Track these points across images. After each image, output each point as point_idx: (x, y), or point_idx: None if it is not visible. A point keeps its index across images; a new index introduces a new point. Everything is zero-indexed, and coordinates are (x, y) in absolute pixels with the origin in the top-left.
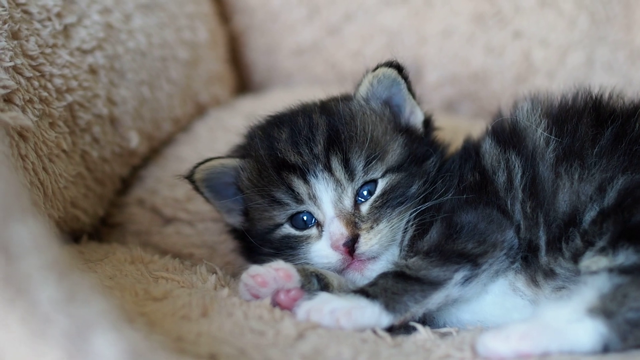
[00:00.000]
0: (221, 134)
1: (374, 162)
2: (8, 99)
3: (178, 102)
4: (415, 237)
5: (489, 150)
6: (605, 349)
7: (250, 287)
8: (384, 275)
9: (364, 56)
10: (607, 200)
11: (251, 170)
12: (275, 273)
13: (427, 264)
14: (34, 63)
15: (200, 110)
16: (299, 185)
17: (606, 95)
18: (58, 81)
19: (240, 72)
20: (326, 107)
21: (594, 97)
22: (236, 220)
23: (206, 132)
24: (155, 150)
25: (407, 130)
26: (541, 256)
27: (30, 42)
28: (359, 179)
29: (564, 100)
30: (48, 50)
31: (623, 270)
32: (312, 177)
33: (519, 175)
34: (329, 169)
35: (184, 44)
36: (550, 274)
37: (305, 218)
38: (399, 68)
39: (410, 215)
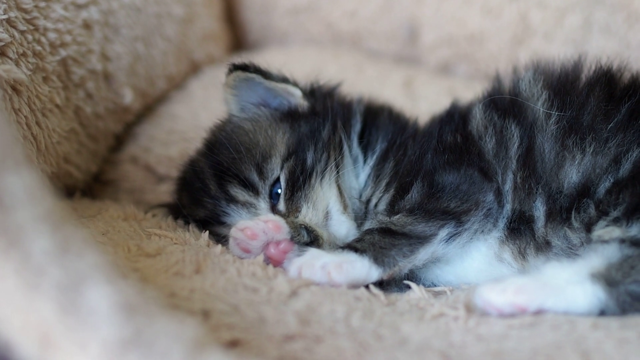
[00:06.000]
0: (215, 92)
1: (266, 165)
2: (2, 52)
3: (172, 60)
4: (396, 198)
5: (478, 115)
6: (601, 314)
7: (240, 241)
8: (369, 232)
9: (360, 16)
10: (622, 171)
11: None
12: (264, 225)
13: (412, 220)
14: (28, 16)
15: (195, 69)
16: (223, 229)
17: (615, 67)
18: (52, 35)
19: (235, 30)
20: (207, 145)
21: (604, 70)
22: None
23: (200, 91)
24: (149, 107)
25: (290, 114)
26: (537, 228)
27: None
28: (264, 188)
29: (566, 70)
30: (42, 4)
31: (635, 243)
32: (225, 217)
33: (515, 145)
34: (232, 200)
35: (179, 1)
36: (544, 246)
37: None
38: (242, 67)
39: (335, 176)
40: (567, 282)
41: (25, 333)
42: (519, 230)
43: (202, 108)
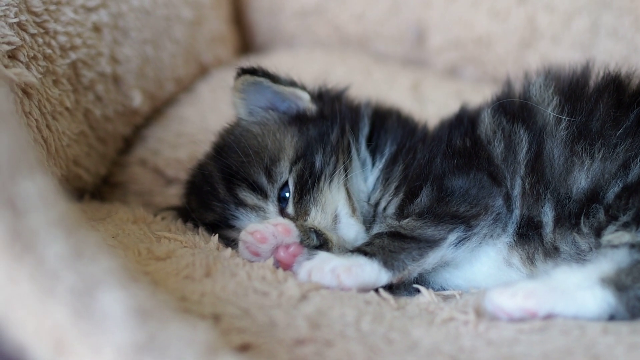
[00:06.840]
0: (223, 95)
1: (275, 168)
2: (12, 56)
3: (181, 62)
4: (405, 202)
5: (487, 120)
6: (611, 319)
7: (249, 245)
8: (378, 235)
9: (367, 19)
10: (631, 176)
11: None
12: (273, 228)
13: (422, 224)
14: (38, 20)
15: (203, 71)
16: (232, 233)
17: (623, 72)
18: (62, 38)
19: (243, 33)
20: (215, 149)
21: (613, 76)
22: None
23: (208, 93)
24: (158, 110)
25: (298, 118)
26: (545, 233)
27: None
28: (272, 191)
29: (576, 76)
30: (52, 7)
31: None
32: (234, 221)
33: (524, 150)
34: (241, 203)
35: (187, 4)
36: (552, 251)
37: None
38: (250, 71)
39: (343, 179)
40: (577, 287)
41: (40, 337)
42: (528, 235)
43: (211, 111)
